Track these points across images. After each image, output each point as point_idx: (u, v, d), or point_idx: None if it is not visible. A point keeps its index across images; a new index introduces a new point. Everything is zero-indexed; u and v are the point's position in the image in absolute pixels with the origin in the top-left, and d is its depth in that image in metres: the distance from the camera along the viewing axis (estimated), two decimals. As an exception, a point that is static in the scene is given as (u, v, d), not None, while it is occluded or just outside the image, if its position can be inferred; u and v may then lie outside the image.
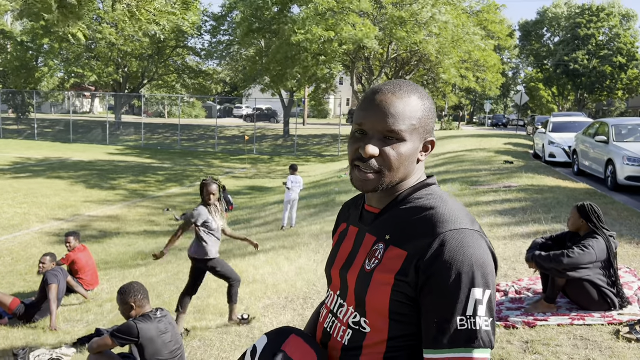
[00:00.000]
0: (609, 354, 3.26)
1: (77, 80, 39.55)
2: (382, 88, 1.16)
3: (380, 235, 1.16)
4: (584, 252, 3.77)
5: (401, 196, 1.17)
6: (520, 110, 48.56)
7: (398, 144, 1.12)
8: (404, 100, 1.13)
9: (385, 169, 1.13)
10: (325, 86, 34.40)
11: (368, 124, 1.13)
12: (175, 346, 3.46)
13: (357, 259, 1.19)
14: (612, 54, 44.35)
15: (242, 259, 7.42)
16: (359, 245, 1.21)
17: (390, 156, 1.12)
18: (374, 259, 1.13)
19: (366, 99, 1.17)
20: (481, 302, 1.01)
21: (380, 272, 1.10)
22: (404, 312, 1.07)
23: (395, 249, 1.10)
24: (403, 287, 1.06)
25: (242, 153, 30.06)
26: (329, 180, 16.92)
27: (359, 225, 1.25)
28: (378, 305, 1.10)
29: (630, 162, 9.72)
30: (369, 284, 1.11)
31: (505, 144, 21.36)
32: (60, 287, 5.99)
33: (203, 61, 40.62)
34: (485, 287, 1.02)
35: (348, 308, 1.18)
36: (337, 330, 1.19)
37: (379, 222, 1.19)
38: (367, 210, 1.24)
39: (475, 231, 1.07)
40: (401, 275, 1.06)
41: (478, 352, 1.00)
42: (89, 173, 19.89)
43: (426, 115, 1.16)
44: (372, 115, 1.13)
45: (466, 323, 1.00)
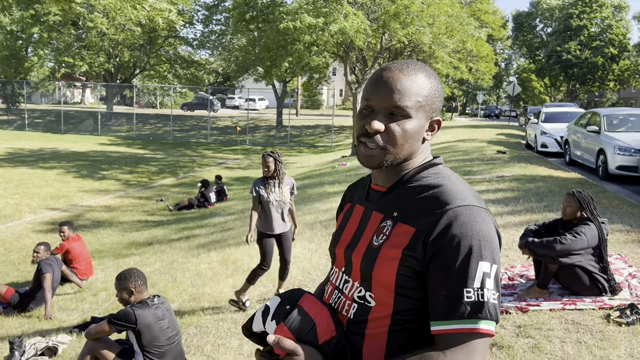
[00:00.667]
0: (600, 337, 3.32)
1: (68, 70, 39.14)
2: (390, 66, 1.17)
3: (387, 212, 1.17)
4: (576, 239, 3.83)
5: (408, 175, 1.19)
6: (513, 102, 48.74)
7: (404, 120, 1.14)
8: (410, 77, 1.14)
9: (390, 145, 1.14)
10: (319, 77, 34.33)
11: (375, 101, 1.15)
12: (172, 332, 3.48)
13: (364, 235, 1.21)
14: (604, 45, 44.53)
15: (237, 248, 7.44)
16: (366, 222, 1.23)
17: (395, 132, 1.14)
18: (382, 235, 1.15)
19: (374, 76, 1.18)
20: (489, 276, 1.03)
21: (388, 247, 1.12)
22: (410, 287, 1.09)
23: (403, 225, 1.12)
24: (410, 262, 1.08)
25: (235, 144, 29.98)
26: (323, 171, 16.94)
27: (365, 204, 1.27)
28: (384, 280, 1.11)
29: (622, 152, 9.81)
30: (376, 259, 1.13)
31: (497, 135, 21.46)
32: (54, 277, 5.98)
33: (195, 51, 40.35)
34: (492, 261, 1.04)
35: (353, 283, 1.19)
36: (342, 305, 1.21)
37: (385, 200, 1.20)
38: (374, 189, 1.26)
39: (482, 208, 1.09)
40: (409, 250, 1.08)
41: (484, 324, 1.01)
42: (81, 164, 19.77)
43: (433, 94, 1.17)
44: (379, 92, 1.14)
45: (473, 295, 1.01)
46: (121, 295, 3.42)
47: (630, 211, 6.85)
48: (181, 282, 6.20)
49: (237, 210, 11.59)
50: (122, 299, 3.43)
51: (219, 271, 6.43)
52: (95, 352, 3.39)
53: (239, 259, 6.77)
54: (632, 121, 11.28)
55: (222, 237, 8.51)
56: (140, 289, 3.46)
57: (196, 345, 4.19)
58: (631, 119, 11.42)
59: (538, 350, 3.25)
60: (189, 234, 9.41)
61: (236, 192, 15.03)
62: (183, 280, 6.29)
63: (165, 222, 11.15)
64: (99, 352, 3.38)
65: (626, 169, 9.67)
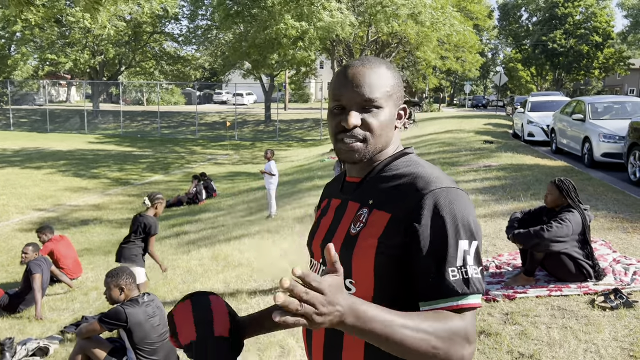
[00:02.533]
0: (585, 322, 3.39)
1: (52, 68, 38.66)
2: (352, 63, 1.22)
3: (363, 201, 1.21)
4: (561, 226, 3.89)
5: (382, 164, 1.23)
6: (500, 91, 49.04)
7: (377, 111, 1.18)
8: (374, 71, 1.19)
9: (370, 136, 1.18)
10: (306, 70, 34.25)
11: (345, 98, 1.18)
12: (163, 329, 3.49)
13: (340, 225, 1.23)
14: (589, 33, 44.87)
15: (227, 244, 7.46)
16: (342, 213, 1.25)
17: (372, 123, 1.18)
18: (359, 223, 1.18)
19: (339, 75, 1.21)
20: (469, 253, 1.07)
21: (365, 234, 1.15)
22: (389, 272, 1.12)
23: (378, 212, 1.15)
24: (387, 248, 1.11)
25: (224, 139, 29.86)
26: (312, 164, 16.95)
27: (341, 196, 1.30)
28: (363, 266, 1.14)
29: (606, 140, 9.93)
30: (354, 246, 1.16)
31: (485, 125, 21.58)
32: (44, 277, 5.95)
33: (181, 47, 40.02)
34: (471, 238, 1.08)
35: None
36: None
37: (360, 190, 1.24)
38: (348, 181, 1.29)
39: (457, 188, 1.13)
40: (385, 237, 1.11)
41: (472, 298, 1.05)
42: (68, 162, 19.60)
43: (396, 82, 1.23)
44: (348, 89, 1.18)
45: (458, 273, 1.05)
46: (111, 293, 3.43)
47: (614, 198, 6.96)
48: (172, 279, 6.20)
49: (227, 206, 11.59)
50: (112, 296, 3.43)
51: (209, 267, 6.44)
52: (87, 351, 3.40)
53: (230, 255, 6.79)
54: (616, 109, 11.40)
55: (212, 234, 8.52)
56: (131, 287, 3.47)
57: (188, 341, 4.21)
58: (615, 106, 11.55)
59: (525, 336, 3.31)
60: (178, 230, 9.40)
61: (226, 187, 15.01)
62: (174, 277, 6.29)
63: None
64: (90, 351, 3.39)
65: (611, 156, 9.79)
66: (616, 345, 3.09)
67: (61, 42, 34.98)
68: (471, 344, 1.03)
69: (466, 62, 28.33)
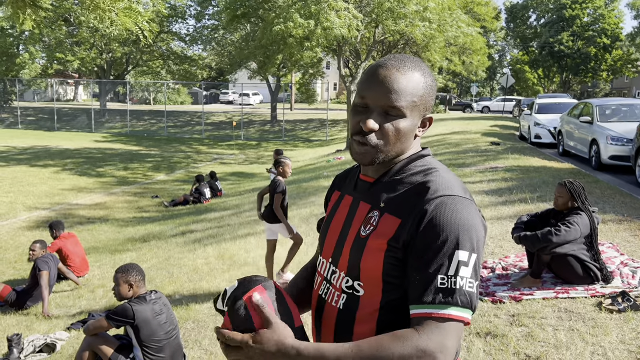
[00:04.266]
0: (592, 324, 3.38)
1: (60, 67, 38.90)
2: (387, 63, 1.17)
3: (374, 203, 1.19)
4: (569, 229, 3.87)
5: (397, 167, 1.21)
6: (507, 94, 48.82)
7: (398, 120, 1.15)
8: (407, 77, 1.15)
9: (383, 144, 1.16)
10: (313, 71, 34.24)
11: (370, 99, 1.15)
12: (170, 327, 3.51)
13: (352, 226, 1.22)
14: (597, 35, 44.62)
15: (233, 243, 7.47)
16: (354, 213, 1.24)
17: (389, 132, 1.15)
18: (370, 226, 1.17)
19: (370, 72, 1.18)
20: (466, 264, 1.05)
21: (375, 238, 1.14)
22: (397, 275, 1.12)
23: (389, 216, 1.14)
24: (395, 252, 1.11)
25: (230, 139, 29.93)
26: (318, 165, 16.96)
27: (354, 194, 1.28)
28: (372, 270, 1.14)
29: (614, 142, 9.88)
30: (364, 249, 1.15)
31: (491, 127, 21.52)
32: (51, 274, 5.99)
33: (188, 47, 40.16)
34: (471, 250, 1.05)
35: (340, 274, 1.21)
36: (331, 296, 1.22)
37: (373, 190, 1.22)
38: (362, 180, 1.27)
39: (466, 198, 1.11)
40: (394, 241, 1.11)
41: (455, 310, 1.03)
42: (75, 161, 19.71)
43: (427, 92, 1.18)
44: (375, 90, 1.15)
45: (447, 282, 1.03)
46: (120, 289, 3.44)
47: (622, 200, 6.92)
48: (178, 278, 6.22)
49: (232, 206, 11.61)
50: (121, 292, 3.44)
51: (215, 266, 6.46)
52: (94, 348, 3.42)
53: (235, 254, 6.80)
54: (624, 111, 11.34)
55: (218, 232, 8.54)
56: (139, 284, 3.49)
57: (194, 339, 4.22)
58: (623, 109, 11.49)
59: (531, 338, 3.30)
60: (184, 229, 9.43)
61: (232, 187, 15.04)
62: (180, 275, 6.32)
63: (161, 218, 11.16)
64: (97, 348, 3.41)
65: (619, 159, 9.74)
66: (623, 348, 3.07)
67: (69, 41, 35.19)
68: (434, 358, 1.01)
69: (473, 63, 28.24)
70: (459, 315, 1.04)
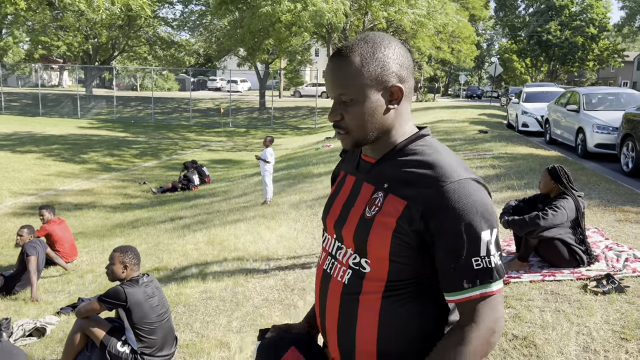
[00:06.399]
0: (577, 306, 3.45)
1: (45, 52, 38.22)
2: (333, 55, 1.20)
3: (378, 184, 1.21)
4: (556, 213, 3.93)
5: (397, 147, 1.22)
6: (495, 82, 49.07)
7: (354, 105, 1.18)
8: (345, 61, 1.16)
9: (354, 129, 1.20)
10: (301, 58, 34.08)
11: (328, 92, 1.22)
12: (162, 310, 3.52)
13: (355, 206, 1.24)
14: (585, 25, 44.89)
15: (223, 228, 7.48)
16: (357, 193, 1.26)
17: (348, 119, 1.19)
18: (374, 207, 1.18)
19: (326, 67, 1.24)
20: (491, 242, 1.11)
21: (381, 218, 1.16)
22: (404, 255, 1.14)
23: (394, 198, 1.16)
24: (404, 233, 1.13)
25: (218, 126, 29.74)
26: (307, 152, 16.95)
27: (356, 174, 1.30)
28: (379, 249, 1.16)
29: (600, 131, 10.01)
30: (370, 229, 1.17)
31: (479, 115, 21.65)
32: (39, 259, 5.95)
33: (175, 32, 39.64)
34: (491, 227, 1.11)
35: (347, 250, 1.24)
36: (337, 271, 1.25)
37: (375, 171, 1.23)
38: (364, 160, 1.29)
39: (473, 179, 1.14)
40: (403, 220, 1.13)
41: (495, 285, 1.12)
42: (61, 147, 19.46)
43: (374, 67, 1.15)
44: (327, 84, 1.20)
45: (482, 263, 1.10)
46: (114, 268, 3.44)
47: (607, 187, 7.04)
48: (168, 263, 6.22)
49: (221, 192, 11.59)
50: (114, 271, 3.44)
51: (205, 251, 6.46)
52: (86, 330, 3.42)
53: (225, 240, 6.81)
54: (610, 100, 11.47)
55: (208, 218, 8.53)
56: (134, 267, 3.49)
57: (185, 322, 4.24)
58: (609, 97, 11.62)
59: (519, 319, 3.36)
60: (173, 215, 9.41)
61: (220, 174, 14.99)
62: (170, 261, 6.31)
63: (149, 205, 11.11)
64: (89, 330, 3.41)
65: (604, 147, 9.87)
66: (608, 328, 3.15)
67: (54, 26, 34.55)
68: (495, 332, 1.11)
69: (461, 52, 28.29)
70: (498, 288, 1.12)
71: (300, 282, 4.86)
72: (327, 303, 1.27)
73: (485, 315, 1.10)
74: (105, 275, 4.07)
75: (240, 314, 4.29)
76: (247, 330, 3.94)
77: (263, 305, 4.43)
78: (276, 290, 4.76)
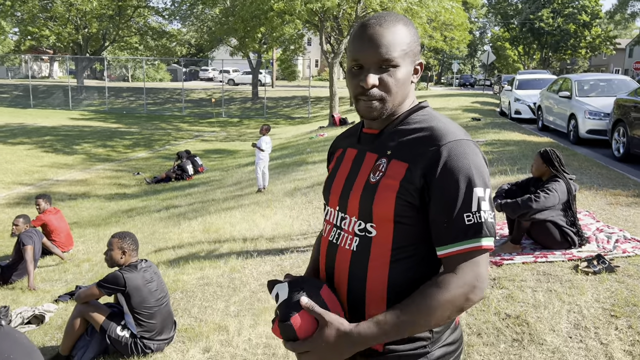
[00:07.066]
0: (568, 285, 3.53)
1: (34, 43, 37.76)
2: (370, 22, 1.24)
3: (381, 152, 1.27)
4: (549, 196, 4.00)
5: (400, 118, 1.29)
6: (487, 71, 49.07)
7: (394, 70, 1.23)
8: (391, 30, 1.22)
9: (387, 95, 1.23)
10: (294, 48, 33.88)
11: (363, 58, 1.23)
12: (161, 294, 3.56)
13: (360, 174, 1.30)
14: (577, 12, 44.92)
15: (218, 216, 7.51)
16: (361, 162, 1.32)
17: (389, 83, 1.23)
18: (379, 172, 1.25)
19: (357, 35, 1.25)
20: (484, 199, 1.16)
21: (385, 182, 1.22)
22: (408, 216, 1.20)
23: (397, 162, 1.22)
24: (406, 193, 1.19)
25: (211, 116, 29.63)
26: (301, 141, 16.96)
27: (358, 146, 1.36)
28: (384, 211, 1.21)
29: (592, 117, 10.09)
30: (375, 193, 1.23)
31: (472, 103, 21.71)
32: (35, 248, 5.97)
33: (167, 22, 39.28)
34: (485, 186, 1.17)
35: (351, 219, 1.29)
36: (344, 239, 1.30)
37: (379, 141, 1.30)
38: (366, 133, 1.35)
39: (470, 140, 1.21)
40: (405, 181, 1.19)
41: (485, 241, 1.16)
42: (53, 138, 19.36)
43: (413, 39, 1.26)
44: (366, 50, 1.22)
45: (473, 218, 1.15)
46: (112, 253, 3.47)
47: (598, 172, 7.13)
48: (164, 251, 6.25)
49: (216, 181, 11.61)
50: (113, 257, 3.47)
51: (201, 239, 6.50)
52: (85, 315, 3.46)
53: (221, 227, 6.84)
54: (602, 86, 11.55)
55: (203, 207, 8.55)
56: (132, 253, 3.52)
57: (183, 308, 4.29)
58: (601, 84, 11.69)
59: (511, 299, 3.43)
60: (168, 204, 9.42)
61: (214, 164, 14.99)
62: (166, 249, 6.34)
63: (144, 194, 11.12)
64: (88, 315, 3.45)
65: (596, 133, 9.95)
66: (598, 306, 3.23)
67: (43, 16, 34.13)
68: (476, 289, 1.14)
69: (454, 39, 28.26)
70: (487, 244, 1.16)
71: (296, 267, 4.91)
72: (335, 272, 1.31)
73: (468, 269, 1.14)
74: (103, 264, 4.10)
75: (238, 298, 4.34)
76: (245, 314, 3.99)
77: (260, 290, 4.48)
78: (272, 275, 4.81)
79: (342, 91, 26.73)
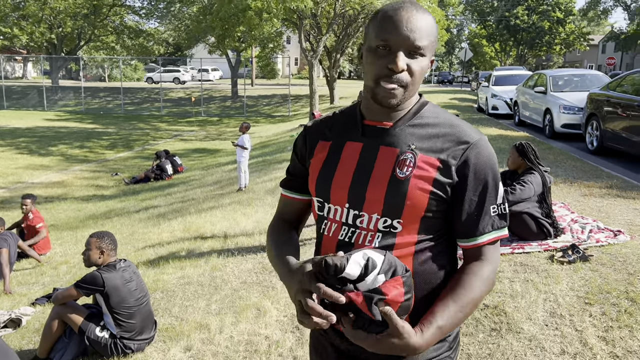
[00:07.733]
0: (544, 275, 3.60)
1: (6, 43, 36.91)
2: (403, 5, 1.19)
3: (403, 146, 1.23)
4: (524, 188, 4.08)
5: (412, 111, 1.27)
6: (465, 67, 49.64)
7: (421, 59, 1.20)
8: (425, 18, 1.20)
9: (412, 82, 1.21)
10: (273, 46, 33.76)
11: (394, 39, 1.17)
12: (140, 294, 3.53)
13: (376, 169, 1.24)
14: (551, 9, 45.69)
15: (199, 216, 7.46)
16: (373, 157, 1.25)
17: (415, 70, 1.19)
18: (407, 167, 1.21)
19: (389, 15, 1.19)
20: (503, 192, 1.29)
21: (418, 176, 1.20)
22: (438, 210, 1.23)
23: (425, 156, 1.21)
24: (441, 187, 1.21)
25: (190, 116, 29.37)
26: (281, 139, 16.93)
27: (364, 140, 1.28)
28: (416, 208, 1.20)
29: (566, 111, 10.27)
30: (407, 189, 1.20)
31: (450, 100, 21.93)
32: (11, 252, 5.86)
33: (144, 21, 38.78)
34: (500, 181, 1.30)
35: (371, 216, 1.23)
36: (361, 237, 1.24)
37: (394, 135, 1.25)
38: (373, 126, 1.28)
39: (485, 137, 1.29)
40: (440, 176, 1.21)
41: (506, 229, 1.29)
42: (28, 140, 18.98)
43: (436, 34, 1.25)
44: (399, 31, 1.17)
45: (498, 209, 1.26)
46: (90, 253, 3.42)
47: (573, 165, 7.28)
48: (144, 251, 6.19)
49: (196, 180, 11.53)
50: (91, 257, 3.43)
51: (181, 239, 6.45)
52: (63, 317, 3.41)
53: (202, 227, 6.81)
54: (575, 81, 11.77)
55: (183, 207, 8.49)
56: (111, 252, 3.48)
57: (164, 307, 4.25)
58: (575, 79, 11.91)
59: (489, 290, 3.49)
60: (148, 204, 9.33)
61: (193, 163, 14.87)
62: (145, 249, 6.29)
63: (122, 195, 10.98)
64: (66, 316, 3.40)
65: (571, 127, 10.14)
66: (573, 295, 3.30)
67: (15, 15, 33.39)
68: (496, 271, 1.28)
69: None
70: (506, 232, 1.29)
71: (277, 265, 4.91)
72: None
73: (496, 255, 1.28)
74: (81, 266, 4.03)
75: (219, 297, 4.33)
76: (227, 312, 3.98)
77: (241, 287, 4.47)
78: (254, 273, 4.81)
79: (322, 89, 26.73)
